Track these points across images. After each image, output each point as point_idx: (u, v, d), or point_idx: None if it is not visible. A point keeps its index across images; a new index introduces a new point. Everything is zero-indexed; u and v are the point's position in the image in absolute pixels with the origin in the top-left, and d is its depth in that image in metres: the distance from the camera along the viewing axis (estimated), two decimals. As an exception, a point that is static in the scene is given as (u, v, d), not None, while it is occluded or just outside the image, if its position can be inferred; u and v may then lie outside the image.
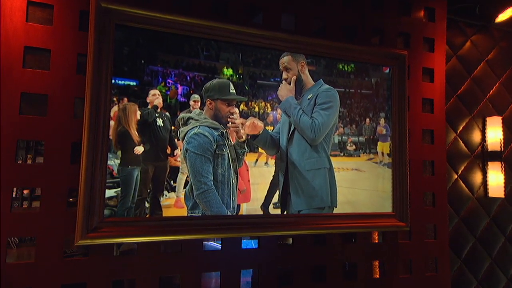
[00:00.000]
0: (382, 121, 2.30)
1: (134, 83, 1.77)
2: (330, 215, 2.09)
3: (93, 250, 1.66)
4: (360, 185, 2.21)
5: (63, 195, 1.62)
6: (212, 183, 1.82)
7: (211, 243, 3.51)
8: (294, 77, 2.06)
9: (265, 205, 2.01)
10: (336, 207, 2.10)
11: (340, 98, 2.10)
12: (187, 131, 1.83)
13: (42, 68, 1.63)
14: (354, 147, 2.23)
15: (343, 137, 2.21)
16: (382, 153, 2.30)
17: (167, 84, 1.82)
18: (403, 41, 2.49)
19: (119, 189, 1.72)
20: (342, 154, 2.19)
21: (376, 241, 2.40)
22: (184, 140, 1.82)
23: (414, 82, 2.45)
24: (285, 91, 2.05)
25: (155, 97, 1.79)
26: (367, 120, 2.27)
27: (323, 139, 2.06)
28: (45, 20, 1.65)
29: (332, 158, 2.09)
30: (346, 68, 2.23)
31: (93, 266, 1.65)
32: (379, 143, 2.30)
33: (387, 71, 2.33)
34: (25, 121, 1.59)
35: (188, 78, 1.87)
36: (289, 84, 2.05)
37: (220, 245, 1.99)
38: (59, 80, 1.65)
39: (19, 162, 3.22)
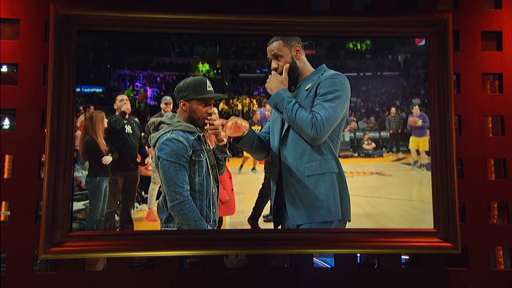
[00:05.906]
0: (416, 109, 1.77)
1: (101, 90, 1.68)
2: (340, 231, 1.67)
3: (61, 264, 1.62)
4: (384, 193, 1.73)
5: (31, 208, 1.62)
6: (189, 193, 1.62)
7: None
8: (287, 65, 1.70)
9: (253, 218, 1.71)
10: (349, 221, 1.68)
11: (351, 85, 1.66)
12: (159, 137, 1.65)
13: (11, 83, 1.66)
14: (373, 145, 1.76)
15: (357, 133, 1.76)
16: (418, 151, 1.76)
17: (135, 88, 1.70)
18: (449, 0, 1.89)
19: (88, 201, 1.65)
20: (356, 155, 1.75)
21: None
22: (155, 147, 1.65)
23: (467, 53, 1.82)
24: (275, 82, 1.70)
25: (122, 102, 1.69)
26: (393, 109, 1.77)
27: (329, 137, 1.66)
28: (13, 35, 1.68)
29: (342, 160, 1.67)
30: (359, 47, 1.77)
31: (61, 282, 1.61)
32: (412, 138, 1.77)
33: (422, 43, 1.78)
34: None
35: (158, 79, 1.71)
36: (280, 74, 1.71)
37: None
38: (26, 93, 1.65)
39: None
